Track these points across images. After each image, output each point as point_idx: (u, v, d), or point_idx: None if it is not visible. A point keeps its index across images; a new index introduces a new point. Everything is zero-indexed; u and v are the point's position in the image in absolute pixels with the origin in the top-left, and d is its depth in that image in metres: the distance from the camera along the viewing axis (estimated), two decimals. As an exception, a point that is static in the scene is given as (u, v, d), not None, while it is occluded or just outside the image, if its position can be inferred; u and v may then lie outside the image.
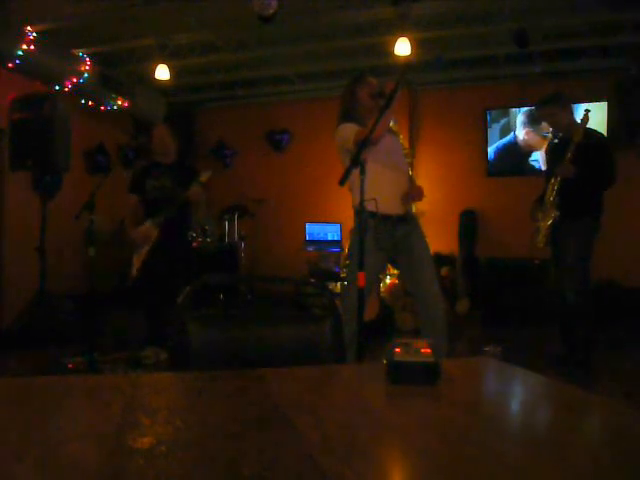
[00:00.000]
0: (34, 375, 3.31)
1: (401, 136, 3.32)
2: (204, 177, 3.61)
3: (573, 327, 3.41)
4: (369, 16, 4.64)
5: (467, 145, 6.18)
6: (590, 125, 3.38)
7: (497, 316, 5.15)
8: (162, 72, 5.17)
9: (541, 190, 3.60)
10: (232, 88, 6.56)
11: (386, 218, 2.66)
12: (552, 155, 3.60)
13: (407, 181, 2.83)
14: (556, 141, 3.79)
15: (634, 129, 5.13)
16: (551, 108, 3.42)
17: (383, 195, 2.59)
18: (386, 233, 2.65)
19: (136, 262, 3.73)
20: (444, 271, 5.60)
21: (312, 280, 5.67)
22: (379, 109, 2.48)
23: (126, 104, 5.69)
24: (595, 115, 5.47)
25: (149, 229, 3.68)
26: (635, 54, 5.16)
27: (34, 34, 4.43)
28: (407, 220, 2.74)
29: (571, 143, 3.21)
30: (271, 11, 3.94)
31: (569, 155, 3.19)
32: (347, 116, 2.78)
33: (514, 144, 6.02)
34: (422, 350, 0.90)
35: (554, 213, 3.33)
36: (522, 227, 3.75)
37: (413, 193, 2.75)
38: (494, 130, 6.13)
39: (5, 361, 3.79)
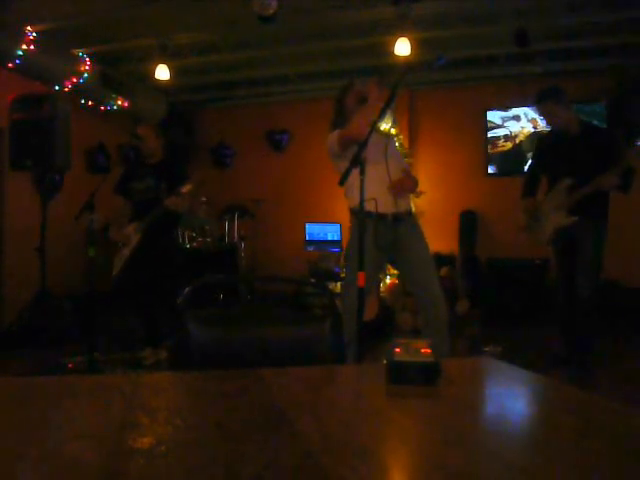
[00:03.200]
0: (34, 375, 3.31)
1: (400, 136, 3.28)
2: (185, 188, 3.56)
3: (574, 327, 3.40)
4: (369, 16, 4.64)
5: (467, 145, 6.18)
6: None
7: (497, 316, 5.15)
8: (162, 72, 5.17)
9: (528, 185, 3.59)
10: (232, 88, 6.56)
11: (383, 217, 2.66)
12: (554, 152, 3.49)
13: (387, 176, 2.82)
14: (545, 130, 3.70)
15: (634, 129, 5.13)
16: (550, 105, 3.33)
17: (377, 194, 2.60)
18: (384, 232, 2.65)
19: (117, 263, 3.77)
20: (444, 271, 5.59)
21: (312, 280, 5.68)
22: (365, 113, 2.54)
23: (126, 104, 5.69)
24: (595, 115, 5.50)
25: (129, 233, 3.71)
26: (635, 54, 5.16)
27: (34, 34, 4.42)
28: (405, 219, 2.74)
29: (619, 165, 3.11)
30: (271, 11, 3.94)
31: (618, 170, 3.11)
32: (336, 124, 2.83)
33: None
34: (422, 350, 0.90)
35: (571, 218, 3.30)
36: (522, 227, 3.74)
37: (401, 183, 2.71)
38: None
39: (5, 361, 3.79)
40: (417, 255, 2.73)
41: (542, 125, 5.60)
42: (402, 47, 4.59)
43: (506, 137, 6.08)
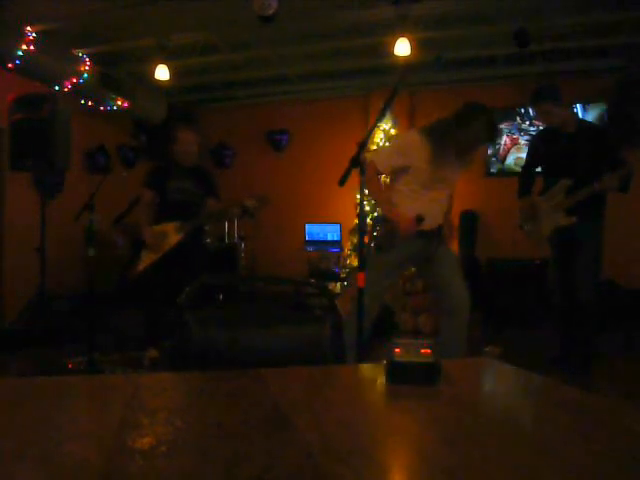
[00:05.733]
0: (34, 375, 3.31)
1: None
2: (250, 202, 3.61)
3: (574, 327, 3.40)
4: (369, 16, 4.64)
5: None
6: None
7: (497, 316, 5.14)
8: (162, 72, 5.17)
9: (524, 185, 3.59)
10: (232, 88, 6.56)
11: (426, 234, 2.68)
12: (550, 151, 3.45)
13: (445, 207, 2.81)
14: (541, 127, 3.66)
15: (634, 129, 5.13)
16: (549, 105, 3.27)
17: (420, 211, 2.64)
18: (412, 244, 2.66)
19: (145, 259, 3.63)
20: (444, 271, 5.59)
21: (312, 280, 5.68)
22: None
23: (126, 104, 5.69)
24: (594, 115, 5.50)
25: (172, 232, 3.59)
26: (635, 54, 5.16)
27: (34, 34, 4.42)
28: (439, 234, 2.74)
29: (623, 168, 3.11)
30: (271, 11, 3.94)
31: (622, 172, 3.10)
32: (436, 134, 2.60)
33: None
34: (422, 350, 0.90)
35: (570, 219, 3.27)
36: (522, 227, 3.74)
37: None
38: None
39: (5, 361, 3.79)
40: (450, 260, 2.77)
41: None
42: (402, 47, 4.59)
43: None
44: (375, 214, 5.08)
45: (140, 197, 3.74)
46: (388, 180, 2.86)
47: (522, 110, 6.00)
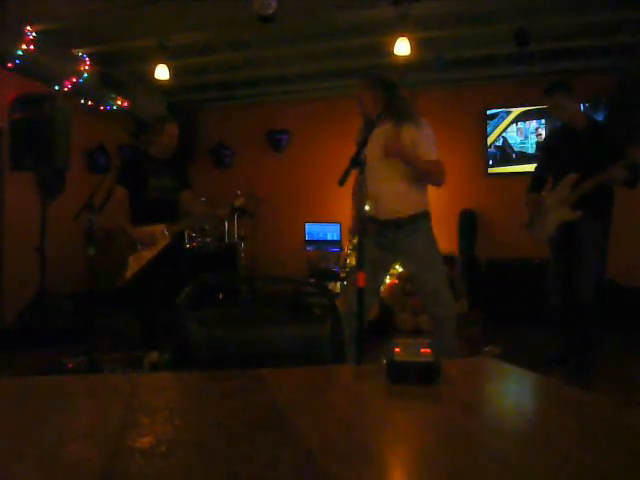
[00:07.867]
0: (34, 375, 3.31)
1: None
2: (239, 202, 3.58)
3: (574, 327, 3.39)
4: (369, 16, 4.64)
5: (467, 145, 6.18)
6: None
7: (497, 316, 5.15)
8: (162, 72, 5.17)
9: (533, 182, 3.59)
10: (232, 88, 6.56)
11: (378, 221, 2.74)
12: (560, 150, 3.45)
13: (404, 187, 2.85)
14: (556, 127, 3.69)
15: (634, 129, 5.12)
16: (560, 98, 3.29)
17: (375, 200, 2.73)
18: (379, 236, 2.72)
19: (133, 265, 3.44)
20: (444, 271, 5.59)
21: (312, 280, 5.68)
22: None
23: (126, 104, 5.69)
24: (594, 115, 5.50)
25: (161, 234, 3.43)
26: (635, 54, 5.17)
27: (34, 34, 4.42)
28: (403, 224, 2.74)
29: (626, 158, 3.10)
30: (271, 11, 3.93)
31: (625, 162, 3.09)
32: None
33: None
34: (422, 350, 0.90)
35: (576, 213, 3.26)
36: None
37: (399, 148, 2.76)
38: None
39: (5, 361, 3.79)
40: (420, 257, 2.73)
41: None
42: (402, 47, 4.59)
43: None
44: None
45: (110, 195, 3.46)
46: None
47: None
